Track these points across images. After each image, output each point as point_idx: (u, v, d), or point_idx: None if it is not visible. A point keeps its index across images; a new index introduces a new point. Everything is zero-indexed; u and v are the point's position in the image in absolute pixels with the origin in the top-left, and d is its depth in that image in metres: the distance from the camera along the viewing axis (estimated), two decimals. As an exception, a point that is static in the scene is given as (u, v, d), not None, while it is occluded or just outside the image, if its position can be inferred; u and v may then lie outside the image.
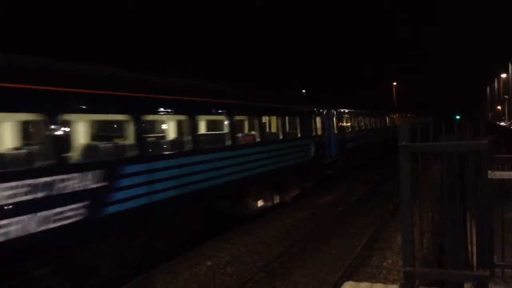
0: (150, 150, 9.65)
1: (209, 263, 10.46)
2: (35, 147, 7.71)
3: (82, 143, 8.50)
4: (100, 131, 9.95)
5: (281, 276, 9.70)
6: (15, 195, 6.58)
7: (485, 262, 4.94)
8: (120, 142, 9.42)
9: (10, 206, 6.53)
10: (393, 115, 38.42)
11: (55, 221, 7.17)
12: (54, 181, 7.16)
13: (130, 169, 8.74)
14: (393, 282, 8.98)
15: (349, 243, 11.89)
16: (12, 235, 6.54)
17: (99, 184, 8.00)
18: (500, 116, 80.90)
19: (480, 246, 5.02)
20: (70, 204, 7.42)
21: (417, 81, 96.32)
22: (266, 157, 14.12)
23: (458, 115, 67.61)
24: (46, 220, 7.05)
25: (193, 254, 11.09)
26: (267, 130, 15.66)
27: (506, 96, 72.32)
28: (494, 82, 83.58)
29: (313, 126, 18.86)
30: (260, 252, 11.36)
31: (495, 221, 5.13)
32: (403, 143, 4.87)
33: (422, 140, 5.03)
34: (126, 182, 8.59)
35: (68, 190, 7.38)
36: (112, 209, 8.26)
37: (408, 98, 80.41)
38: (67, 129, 7.90)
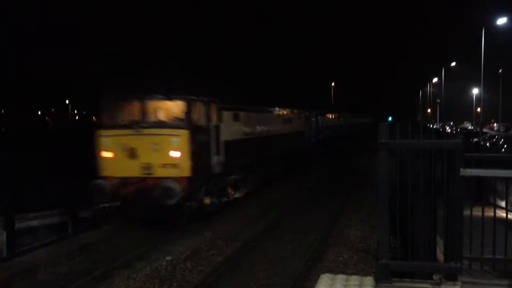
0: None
1: (168, 258, 10.36)
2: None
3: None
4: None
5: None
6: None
7: (455, 255, 5.21)
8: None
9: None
10: (344, 115, 48.36)
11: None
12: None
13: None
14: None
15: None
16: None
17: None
18: (429, 118, 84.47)
19: (450, 239, 5.29)
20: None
21: (354, 82, 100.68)
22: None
23: (390, 116, 71.10)
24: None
25: (151, 249, 10.97)
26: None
27: (438, 100, 75.64)
28: (426, 86, 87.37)
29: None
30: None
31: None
32: (383, 140, 5.02)
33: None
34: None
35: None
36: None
37: (346, 99, 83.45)
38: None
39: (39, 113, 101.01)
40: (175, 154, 11.74)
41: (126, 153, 11.91)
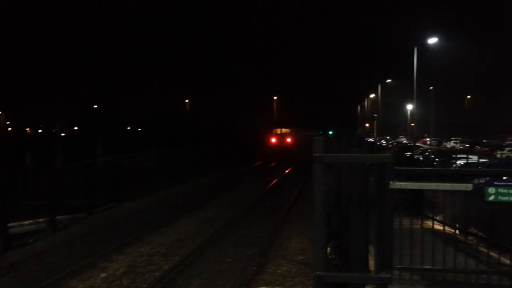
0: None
1: (103, 275, 10.01)
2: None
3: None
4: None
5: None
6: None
7: (386, 265, 5.37)
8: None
9: None
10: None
11: None
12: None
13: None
14: None
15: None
16: None
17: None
18: (368, 132, 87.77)
19: (381, 251, 5.45)
20: None
21: (296, 96, 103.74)
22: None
23: (331, 131, 74.09)
24: None
25: (84, 266, 10.57)
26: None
27: (376, 115, 78.95)
28: (364, 101, 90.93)
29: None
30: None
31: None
32: (317, 153, 5.10)
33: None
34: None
35: None
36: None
37: (290, 112, 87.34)
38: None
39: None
40: (288, 140, 71.45)
41: (279, 139, 70.32)
